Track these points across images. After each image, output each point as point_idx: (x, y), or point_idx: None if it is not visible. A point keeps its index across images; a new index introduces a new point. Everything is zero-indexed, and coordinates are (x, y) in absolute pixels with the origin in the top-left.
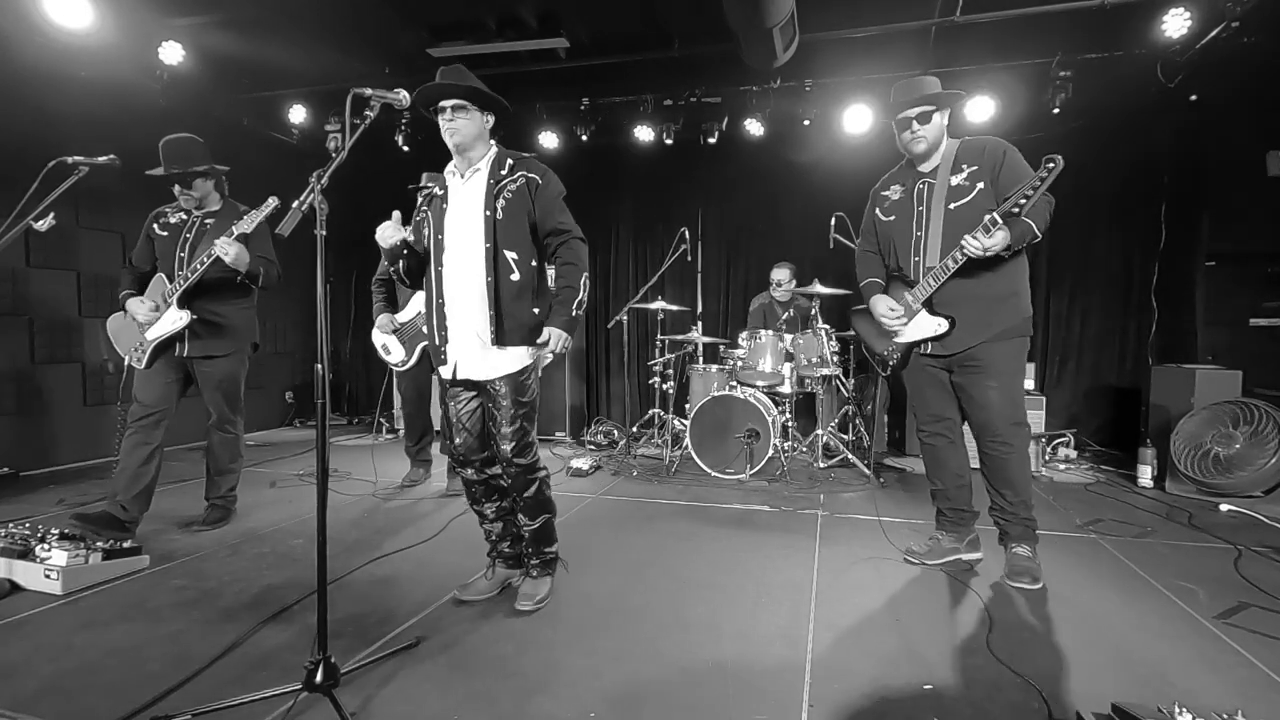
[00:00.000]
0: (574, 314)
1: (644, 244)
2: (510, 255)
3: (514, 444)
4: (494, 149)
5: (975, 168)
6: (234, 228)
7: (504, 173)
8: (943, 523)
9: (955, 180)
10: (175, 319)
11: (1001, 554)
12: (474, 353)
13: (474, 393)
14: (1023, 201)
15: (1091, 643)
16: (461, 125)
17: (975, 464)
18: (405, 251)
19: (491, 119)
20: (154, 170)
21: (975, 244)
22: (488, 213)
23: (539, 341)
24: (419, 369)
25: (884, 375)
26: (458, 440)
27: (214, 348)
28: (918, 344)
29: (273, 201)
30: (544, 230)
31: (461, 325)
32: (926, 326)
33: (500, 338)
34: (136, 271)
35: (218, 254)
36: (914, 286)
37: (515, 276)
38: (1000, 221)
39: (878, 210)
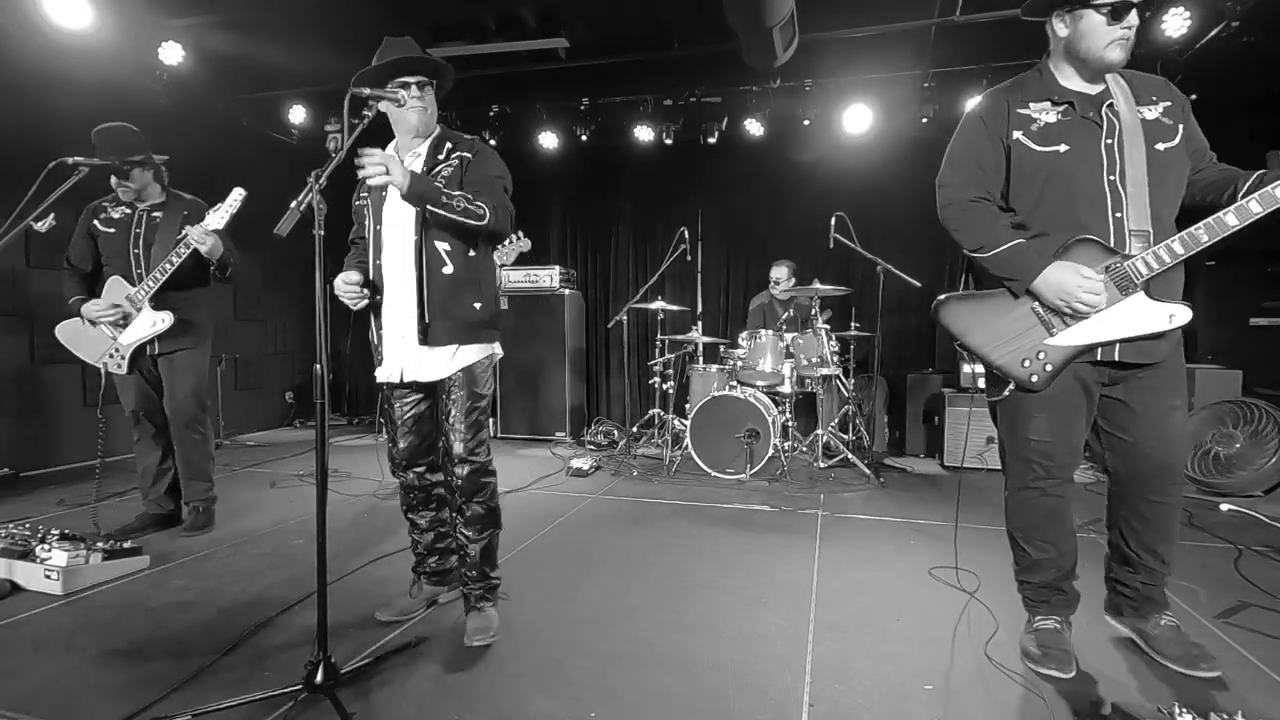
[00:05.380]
0: (442, 195)
1: (644, 244)
2: (441, 246)
3: (468, 441)
4: (438, 129)
5: (1169, 104)
6: (208, 220)
7: (440, 156)
8: (1055, 605)
9: (1149, 113)
10: (154, 320)
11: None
12: (415, 353)
13: (421, 394)
14: None
15: (1091, 643)
16: (430, 102)
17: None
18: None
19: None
20: (89, 160)
21: None
22: None
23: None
24: None
25: (996, 399)
26: (401, 444)
27: (180, 342)
28: (1095, 347)
29: (239, 193)
30: None
31: (399, 324)
32: (1150, 317)
33: (428, 336)
34: (79, 273)
35: (195, 245)
36: (1128, 258)
37: (447, 269)
38: None
39: (1019, 134)
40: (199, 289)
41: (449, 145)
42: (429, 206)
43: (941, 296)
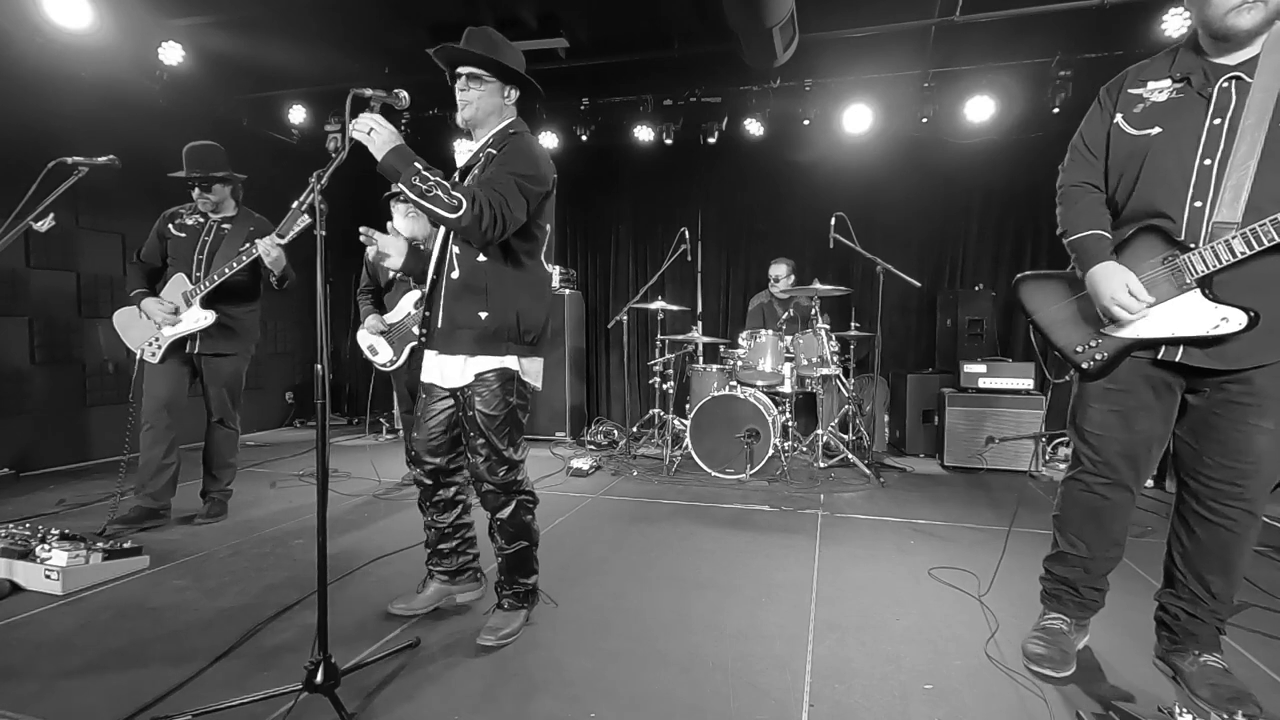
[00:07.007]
0: (414, 175)
1: (644, 244)
2: (454, 249)
3: (483, 460)
4: (502, 124)
5: None
6: (279, 231)
7: (482, 156)
8: (1066, 604)
9: None
10: (199, 317)
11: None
12: (431, 357)
13: (445, 394)
14: None
15: (1091, 643)
16: (475, 97)
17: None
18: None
19: (515, 93)
20: (175, 173)
21: None
22: None
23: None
24: (409, 369)
25: (1056, 380)
26: (418, 435)
27: (223, 346)
28: (1153, 343)
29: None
30: None
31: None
32: (1198, 318)
33: (431, 340)
34: (145, 268)
35: (259, 253)
36: (1186, 250)
37: (455, 274)
38: None
39: (1120, 118)
40: (247, 300)
41: (489, 140)
42: (399, 184)
43: (1020, 275)
